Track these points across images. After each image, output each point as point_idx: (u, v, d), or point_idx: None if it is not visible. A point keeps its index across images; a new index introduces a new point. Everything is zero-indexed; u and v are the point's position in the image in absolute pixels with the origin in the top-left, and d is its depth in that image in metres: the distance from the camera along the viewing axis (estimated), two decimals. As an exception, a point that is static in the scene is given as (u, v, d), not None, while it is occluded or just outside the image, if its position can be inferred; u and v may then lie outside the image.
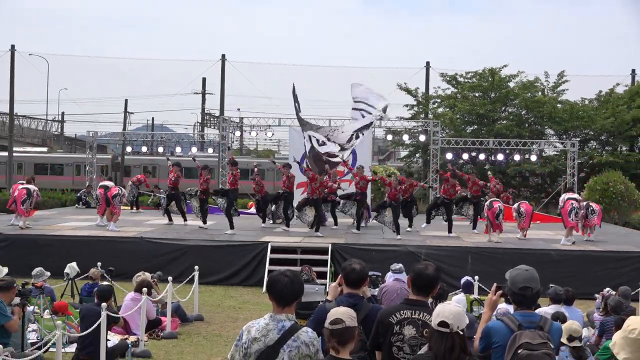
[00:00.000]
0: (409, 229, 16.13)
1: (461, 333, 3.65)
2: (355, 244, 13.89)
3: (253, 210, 18.78)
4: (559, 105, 28.24)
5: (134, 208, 21.03)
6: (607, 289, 10.15)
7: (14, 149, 36.34)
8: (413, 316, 4.09)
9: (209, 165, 16.29)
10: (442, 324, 3.62)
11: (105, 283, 9.11)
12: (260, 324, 3.78)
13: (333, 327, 3.66)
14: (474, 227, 16.20)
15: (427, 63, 32.04)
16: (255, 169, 16.91)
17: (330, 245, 13.40)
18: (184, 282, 11.19)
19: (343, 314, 3.72)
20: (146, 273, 10.21)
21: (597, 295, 9.95)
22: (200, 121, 45.25)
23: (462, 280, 9.45)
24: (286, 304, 3.79)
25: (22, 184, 15.50)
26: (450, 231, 15.41)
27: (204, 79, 43.97)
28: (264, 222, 16.59)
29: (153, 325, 9.23)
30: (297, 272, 3.99)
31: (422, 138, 24.17)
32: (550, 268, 12.57)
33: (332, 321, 3.68)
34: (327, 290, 5.49)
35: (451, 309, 3.67)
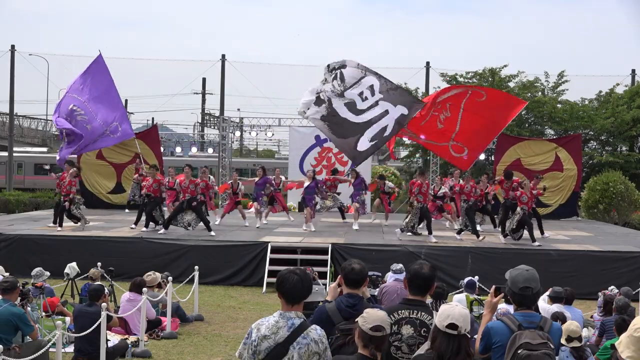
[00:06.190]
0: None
1: (468, 335, 3.65)
2: (355, 244, 13.88)
3: (252, 210, 18.75)
4: (559, 105, 28.21)
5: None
6: (612, 287, 10.16)
7: (14, 149, 36.36)
8: (411, 316, 4.09)
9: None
10: (452, 326, 3.60)
11: (97, 283, 9.11)
12: (270, 322, 3.79)
13: (374, 334, 3.65)
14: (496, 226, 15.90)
15: (427, 63, 32.09)
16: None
17: (330, 245, 13.40)
18: (184, 282, 11.21)
19: (383, 320, 3.68)
20: (157, 273, 10.23)
21: (599, 294, 9.94)
22: (200, 121, 45.29)
23: (466, 280, 9.46)
24: (295, 301, 3.82)
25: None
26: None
27: (204, 79, 44.07)
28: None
29: (153, 325, 9.24)
30: (305, 270, 4.01)
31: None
32: (550, 268, 12.58)
33: (374, 327, 3.65)
34: (327, 290, 5.48)
35: (460, 311, 3.65)
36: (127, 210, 19.73)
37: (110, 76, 16.86)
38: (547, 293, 8.68)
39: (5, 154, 35.57)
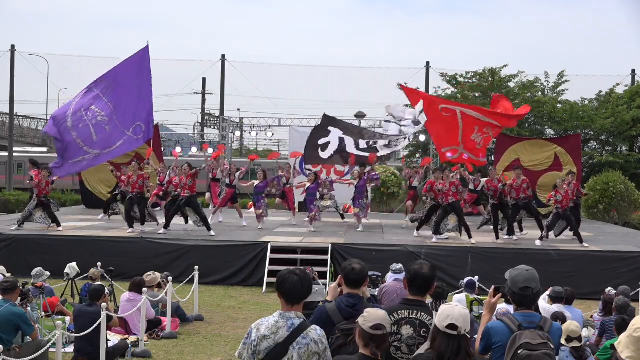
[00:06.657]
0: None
1: (468, 336, 3.65)
2: (355, 244, 13.89)
3: (252, 210, 18.74)
4: (559, 105, 28.21)
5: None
6: (609, 288, 10.17)
7: (14, 149, 36.37)
8: (410, 316, 4.09)
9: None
10: (451, 326, 3.60)
11: (97, 283, 9.11)
12: (269, 322, 3.79)
13: (375, 333, 3.66)
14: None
15: (427, 63, 32.13)
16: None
17: (330, 245, 13.40)
18: (184, 282, 11.21)
19: (384, 319, 3.70)
20: (156, 273, 10.23)
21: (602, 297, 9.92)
22: (200, 121, 45.27)
23: (466, 280, 9.46)
24: (295, 302, 3.82)
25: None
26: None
27: (204, 79, 44.10)
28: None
29: (153, 325, 9.24)
30: (305, 270, 4.01)
31: (422, 138, 24.14)
32: (550, 268, 12.59)
33: (375, 326, 3.66)
34: (327, 290, 5.49)
35: (460, 312, 3.65)
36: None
37: (149, 72, 15.42)
38: (547, 293, 8.68)
39: (5, 154, 35.60)
